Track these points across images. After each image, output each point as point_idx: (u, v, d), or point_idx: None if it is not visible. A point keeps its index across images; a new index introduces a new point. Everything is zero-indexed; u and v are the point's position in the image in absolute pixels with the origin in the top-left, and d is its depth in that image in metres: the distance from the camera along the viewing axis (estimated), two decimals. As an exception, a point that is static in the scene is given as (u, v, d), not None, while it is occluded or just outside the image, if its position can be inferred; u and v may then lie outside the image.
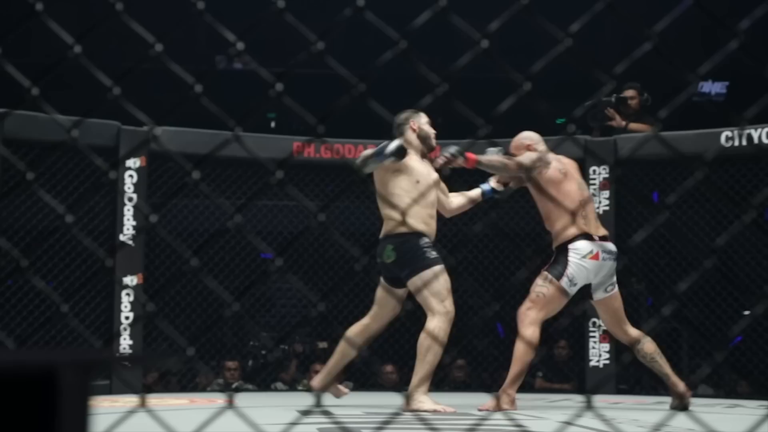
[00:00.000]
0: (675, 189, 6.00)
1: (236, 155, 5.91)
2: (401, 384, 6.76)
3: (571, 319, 6.63)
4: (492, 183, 5.02)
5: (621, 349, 6.43)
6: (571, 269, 4.62)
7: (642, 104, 6.95)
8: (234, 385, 6.45)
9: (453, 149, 4.52)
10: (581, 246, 4.62)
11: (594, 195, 6.53)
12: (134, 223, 6.06)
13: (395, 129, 4.74)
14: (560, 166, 4.79)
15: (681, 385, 4.58)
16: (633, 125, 6.84)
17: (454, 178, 5.16)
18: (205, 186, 5.53)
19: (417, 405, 4.28)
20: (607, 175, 6.53)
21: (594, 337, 6.37)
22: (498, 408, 4.39)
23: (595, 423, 3.64)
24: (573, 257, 4.62)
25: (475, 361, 7.09)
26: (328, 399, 5.29)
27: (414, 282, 4.45)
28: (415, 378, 4.38)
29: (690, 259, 6.16)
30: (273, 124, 9.48)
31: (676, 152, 5.48)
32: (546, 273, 4.66)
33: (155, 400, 5.09)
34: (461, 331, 6.81)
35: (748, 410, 4.77)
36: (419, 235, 4.49)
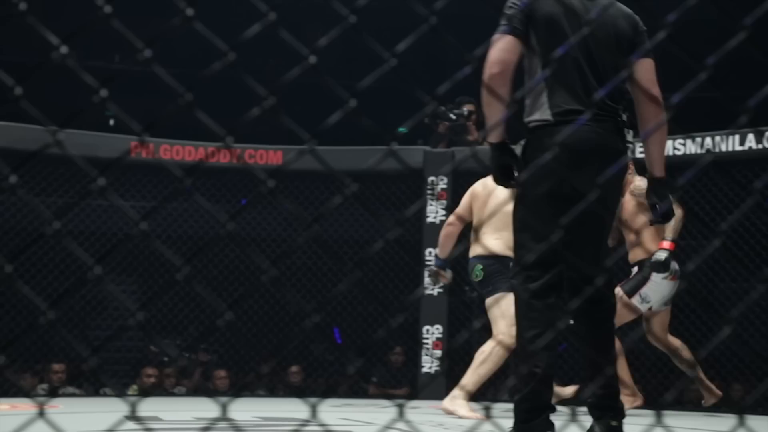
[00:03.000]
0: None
1: (68, 153, 5.72)
2: (232, 389, 6.73)
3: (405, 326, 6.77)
4: None
5: (452, 356, 6.61)
6: (647, 288, 4.84)
7: (478, 119, 7.17)
8: (60, 390, 6.24)
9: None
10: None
11: (431, 205, 6.69)
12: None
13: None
14: None
15: (714, 390, 5.02)
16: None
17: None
18: (24, 192, 5.33)
19: (454, 408, 4.59)
20: (444, 186, 6.70)
21: (427, 344, 6.51)
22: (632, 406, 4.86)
23: (423, 428, 3.73)
24: (656, 277, 4.83)
25: (311, 366, 7.13)
26: (160, 404, 5.19)
27: (488, 302, 4.74)
28: (463, 382, 4.67)
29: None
30: (112, 122, 9.22)
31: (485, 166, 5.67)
32: (618, 288, 4.81)
33: (-27, 405, 4.85)
34: (283, 340, 6.90)
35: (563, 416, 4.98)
36: (507, 260, 4.61)
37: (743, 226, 5.93)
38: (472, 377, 4.66)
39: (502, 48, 2.70)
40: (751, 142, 5.86)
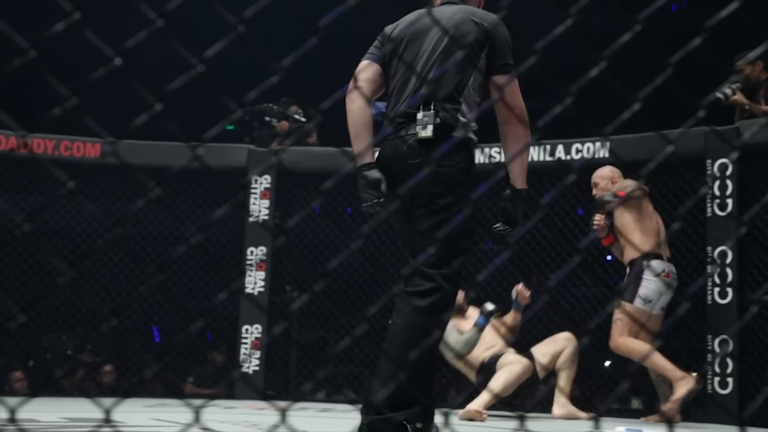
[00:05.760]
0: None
1: None
2: (27, 389, 6.51)
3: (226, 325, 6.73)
4: (490, 307, 5.08)
5: (271, 356, 6.62)
6: (643, 288, 4.87)
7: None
8: None
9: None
10: (655, 265, 4.90)
11: (253, 204, 6.67)
12: None
13: None
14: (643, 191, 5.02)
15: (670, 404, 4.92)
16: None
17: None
18: None
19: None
20: (269, 185, 6.69)
21: (246, 343, 6.49)
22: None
23: (238, 428, 3.73)
24: (647, 275, 4.87)
25: (125, 365, 6.95)
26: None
27: None
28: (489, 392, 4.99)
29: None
30: None
31: (293, 171, 5.75)
32: (618, 301, 4.89)
33: None
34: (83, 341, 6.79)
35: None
36: None
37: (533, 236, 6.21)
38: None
39: (357, 71, 2.88)
40: (560, 152, 6.11)
